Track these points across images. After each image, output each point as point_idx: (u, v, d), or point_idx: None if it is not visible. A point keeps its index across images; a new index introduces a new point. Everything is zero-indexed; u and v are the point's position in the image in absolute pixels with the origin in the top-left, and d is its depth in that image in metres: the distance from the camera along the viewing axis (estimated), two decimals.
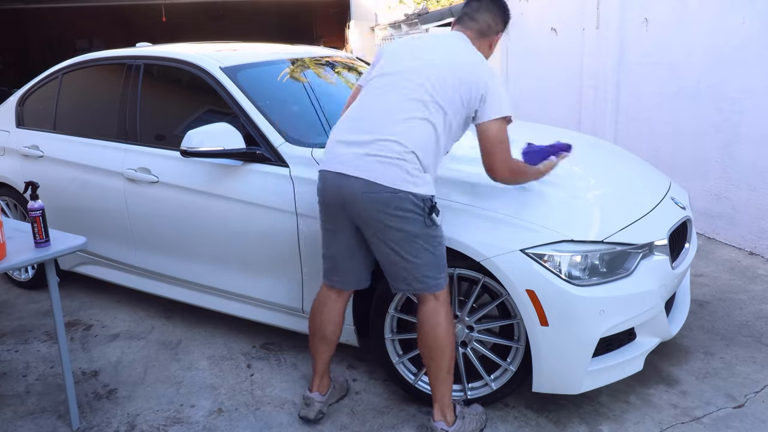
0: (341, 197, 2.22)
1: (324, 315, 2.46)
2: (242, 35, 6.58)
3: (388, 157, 2.14)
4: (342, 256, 2.37)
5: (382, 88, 2.29)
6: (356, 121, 2.28)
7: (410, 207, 2.15)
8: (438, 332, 2.26)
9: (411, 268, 2.21)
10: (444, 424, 2.33)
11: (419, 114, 2.19)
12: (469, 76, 2.23)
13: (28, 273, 4.04)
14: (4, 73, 13.74)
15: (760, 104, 4.11)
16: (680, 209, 2.80)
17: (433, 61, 2.27)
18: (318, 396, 2.55)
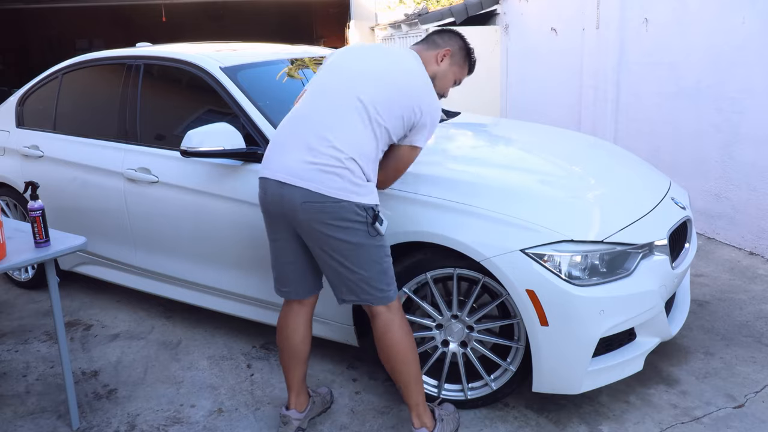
0: (282, 206, 2.15)
1: (288, 328, 2.37)
2: (242, 35, 6.58)
3: (329, 165, 2.08)
4: (289, 267, 2.29)
5: (325, 93, 2.23)
6: (297, 125, 2.20)
7: (353, 217, 2.09)
8: (396, 346, 2.22)
9: (357, 279, 2.16)
10: (426, 431, 2.30)
11: (359, 121, 2.13)
12: (411, 99, 2.19)
13: (28, 273, 4.04)
14: (4, 73, 13.74)
15: (760, 104, 4.11)
16: (680, 209, 2.80)
17: (380, 74, 2.22)
18: (295, 413, 2.43)
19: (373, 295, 2.19)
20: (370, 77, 2.21)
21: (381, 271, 2.19)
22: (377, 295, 2.19)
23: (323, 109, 2.19)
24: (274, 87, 3.29)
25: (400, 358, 2.23)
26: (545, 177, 2.67)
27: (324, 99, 2.22)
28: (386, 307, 2.22)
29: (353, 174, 2.10)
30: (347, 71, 2.26)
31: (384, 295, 2.20)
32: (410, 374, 2.26)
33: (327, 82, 2.26)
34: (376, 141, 2.15)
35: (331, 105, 2.18)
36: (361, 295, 2.20)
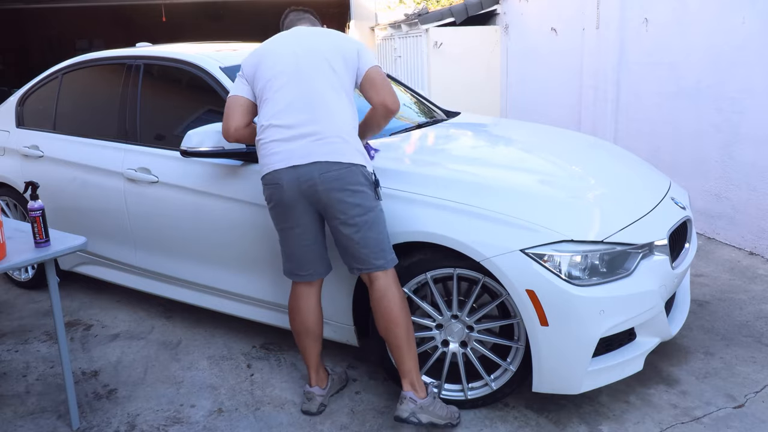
0: (299, 188, 2.31)
1: (302, 310, 2.53)
2: (242, 35, 6.58)
3: (330, 137, 2.30)
4: (305, 250, 2.45)
5: (290, 84, 2.38)
6: (281, 119, 2.35)
7: (362, 180, 2.31)
8: (393, 307, 2.34)
9: (370, 244, 2.32)
10: (413, 394, 2.35)
11: (333, 95, 2.36)
12: (342, 45, 2.44)
13: (28, 273, 4.04)
14: (4, 73, 13.73)
15: (760, 104, 4.11)
16: (680, 209, 2.80)
17: (314, 47, 2.43)
18: (318, 390, 2.61)
19: (384, 258, 2.35)
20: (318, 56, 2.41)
21: (385, 235, 2.38)
22: (386, 258, 2.36)
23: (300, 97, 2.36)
24: None
25: (394, 321, 2.35)
26: (545, 177, 2.67)
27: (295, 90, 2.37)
28: (384, 273, 2.36)
29: (352, 140, 2.34)
30: (295, 60, 2.41)
31: (390, 258, 2.37)
32: (403, 338, 2.36)
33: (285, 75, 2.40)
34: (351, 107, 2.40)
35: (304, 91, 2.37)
36: (373, 262, 2.35)
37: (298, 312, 2.54)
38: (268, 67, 2.43)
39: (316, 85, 2.36)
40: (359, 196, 2.30)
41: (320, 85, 2.36)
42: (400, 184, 2.55)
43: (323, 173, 2.28)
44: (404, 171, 2.62)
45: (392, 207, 2.50)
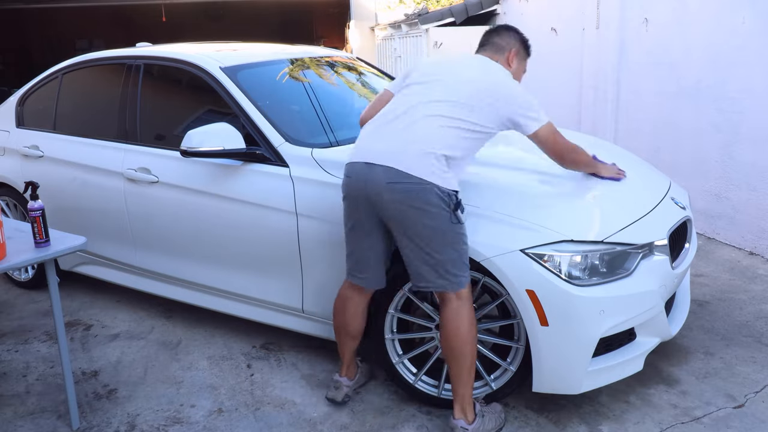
0: (366, 189, 2.25)
1: (348, 312, 2.51)
2: (242, 35, 6.58)
3: (414, 149, 2.20)
4: (364, 254, 2.39)
5: (413, 94, 2.35)
6: (386, 118, 2.34)
7: (436, 201, 2.17)
8: (460, 334, 2.27)
9: (433, 263, 2.22)
10: (464, 422, 2.34)
11: (452, 115, 2.25)
12: (502, 94, 2.33)
13: (28, 273, 4.04)
14: (4, 73, 13.73)
15: (760, 104, 4.11)
16: (680, 209, 2.80)
17: (469, 75, 2.36)
18: (346, 381, 2.64)
19: (448, 280, 2.24)
20: (462, 85, 2.32)
21: (457, 257, 2.25)
22: (451, 280, 2.25)
23: (416, 109, 2.29)
24: (274, 87, 3.29)
25: (459, 347, 2.28)
26: (545, 177, 2.67)
27: (417, 101, 2.32)
28: (456, 295, 2.27)
29: (438, 161, 2.20)
30: (440, 78, 2.37)
31: (457, 281, 2.26)
32: (465, 365, 2.30)
33: (420, 86, 2.38)
34: (464, 139, 2.27)
35: (424, 106, 2.29)
36: (436, 281, 2.26)
37: (342, 312, 2.53)
38: (415, 76, 2.44)
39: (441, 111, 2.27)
40: (428, 216, 2.18)
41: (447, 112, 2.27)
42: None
43: (391, 182, 2.19)
44: None
45: None
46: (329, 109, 3.22)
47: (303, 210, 2.72)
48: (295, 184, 2.75)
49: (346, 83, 3.69)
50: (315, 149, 2.81)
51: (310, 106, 3.22)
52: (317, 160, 2.75)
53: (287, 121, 2.99)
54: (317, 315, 2.84)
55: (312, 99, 3.28)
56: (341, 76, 3.72)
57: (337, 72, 3.73)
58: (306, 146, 2.83)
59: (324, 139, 2.96)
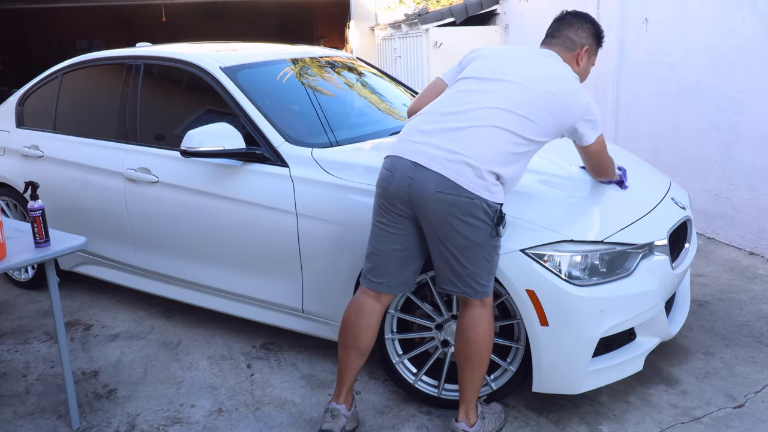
0: (409, 190, 2.11)
1: (361, 324, 2.30)
2: (242, 35, 6.58)
3: (470, 158, 2.07)
4: (390, 255, 2.24)
5: (474, 92, 2.21)
6: (441, 116, 2.19)
7: (481, 215, 2.08)
8: (479, 341, 2.22)
9: (465, 273, 2.15)
10: (465, 425, 2.32)
11: (509, 125, 2.13)
12: (565, 103, 2.22)
13: (28, 273, 4.04)
14: (4, 73, 13.73)
15: (760, 104, 4.11)
16: (680, 209, 2.80)
17: (531, 78, 2.22)
18: (344, 410, 2.36)
19: (474, 289, 2.18)
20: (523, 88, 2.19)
21: (489, 268, 2.19)
22: (477, 290, 2.19)
23: (471, 108, 2.17)
24: (274, 87, 3.29)
25: (476, 355, 2.23)
26: (545, 177, 2.67)
27: (472, 98, 2.20)
28: (480, 302, 2.22)
29: (489, 174, 2.09)
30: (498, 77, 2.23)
31: (484, 290, 2.20)
32: (478, 373, 2.27)
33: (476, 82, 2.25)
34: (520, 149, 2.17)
35: (480, 106, 2.16)
36: (463, 288, 2.19)
37: (352, 326, 2.31)
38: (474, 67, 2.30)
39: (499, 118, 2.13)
40: (470, 229, 2.09)
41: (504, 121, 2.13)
42: None
43: (439, 192, 2.07)
44: None
45: None
46: (329, 109, 3.22)
47: (303, 210, 2.72)
48: (295, 184, 2.75)
49: (346, 83, 3.69)
50: (315, 149, 2.81)
51: (310, 106, 3.22)
52: (317, 160, 2.75)
53: (287, 121, 2.99)
54: (317, 315, 2.84)
55: (312, 99, 3.28)
56: (341, 76, 3.72)
57: (338, 72, 3.73)
58: (306, 146, 2.83)
59: (324, 139, 2.96)
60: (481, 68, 2.29)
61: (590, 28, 2.42)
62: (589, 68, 2.48)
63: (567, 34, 2.39)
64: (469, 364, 2.26)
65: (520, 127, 2.14)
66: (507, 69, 2.26)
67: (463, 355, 2.27)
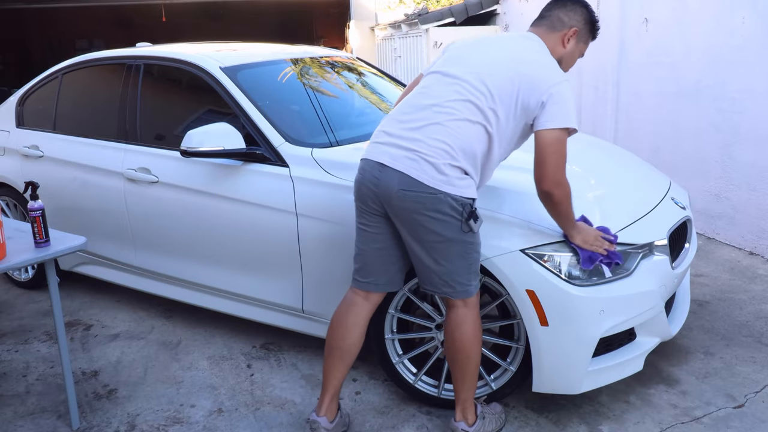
0: (377, 190, 2.13)
1: (348, 321, 2.30)
2: (242, 35, 6.58)
3: (429, 155, 2.06)
4: (373, 254, 2.26)
5: (437, 87, 2.18)
6: (404, 115, 2.18)
7: (447, 210, 2.07)
8: (464, 340, 2.22)
9: (441, 271, 2.15)
10: (464, 425, 2.32)
11: (471, 117, 2.09)
12: (531, 81, 2.09)
13: (28, 273, 4.04)
14: (4, 73, 13.74)
15: (760, 104, 4.11)
16: (680, 209, 2.80)
17: (495, 64, 2.15)
18: (325, 422, 2.31)
19: (454, 288, 2.17)
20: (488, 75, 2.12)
21: (466, 266, 2.17)
22: (458, 289, 2.18)
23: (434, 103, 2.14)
24: (274, 87, 3.29)
25: (464, 353, 2.23)
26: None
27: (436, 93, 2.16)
28: (463, 302, 2.20)
29: (454, 167, 2.07)
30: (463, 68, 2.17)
31: (464, 289, 2.18)
32: (469, 371, 2.26)
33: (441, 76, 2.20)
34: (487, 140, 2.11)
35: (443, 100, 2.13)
36: (442, 288, 2.19)
37: (339, 325, 2.31)
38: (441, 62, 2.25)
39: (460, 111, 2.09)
40: (438, 224, 2.07)
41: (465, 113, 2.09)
42: None
43: (402, 189, 2.06)
44: None
45: None
46: (329, 109, 3.22)
47: (303, 210, 2.72)
48: (295, 184, 2.75)
49: (346, 83, 3.69)
50: (315, 149, 2.81)
51: (310, 106, 3.22)
52: (317, 160, 2.75)
53: (287, 121, 2.99)
54: (317, 315, 2.84)
55: (312, 99, 3.28)
56: (341, 76, 3.72)
57: (338, 72, 3.73)
58: (306, 146, 2.83)
59: (324, 139, 2.96)
60: (446, 62, 2.24)
61: (583, 12, 2.31)
62: (576, 55, 2.32)
63: (557, 14, 2.30)
64: (457, 363, 2.27)
65: (482, 118, 2.09)
66: (473, 59, 2.20)
67: (450, 355, 2.28)
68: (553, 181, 2.11)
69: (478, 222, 2.13)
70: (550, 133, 2.09)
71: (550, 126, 2.08)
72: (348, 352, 2.31)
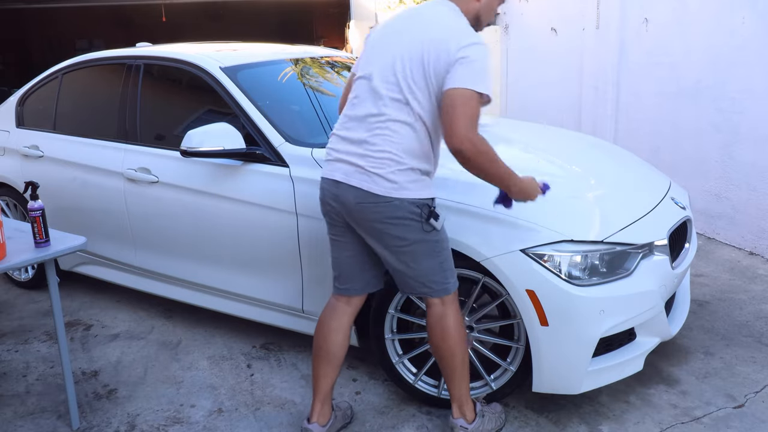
0: (337, 204, 2.18)
1: (332, 324, 2.34)
2: (242, 35, 6.58)
3: (377, 167, 2.07)
4: (347, 261, 2.30)
5: (365, 95, 2.16)
6: (346, 131, 2.18)
7: (406, 214, 2.09)
8: (446, 337, 2.23)
9: (414, 274, 2.18)
10: (464, 422, 2.33)
11: (402, 117, 2.07)
12: (438, 46, 2.01)
13: (28, 273, 4.04)
14: (4, 73, 13.73)
15: (760, 104, 4.11)
16: (680, 209, 2.80)
17: (407, 47, 2.08)
18: (317, 428, 2.36)
19: (431, 288, 2.20)
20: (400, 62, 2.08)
21: (436, 265, 2.18)
22: (434, 288, 2.20)
23: (363, 107, 2.14)
24: (274, 87, 3.29)
25: (447, 350, 2.25)
26: (545, 177, 2.66)
27: (363, 97, 2.16)
28: (440, 300, 2.22)
29: (401, 170, 2.08)
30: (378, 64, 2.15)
31: (441, 288, 2.21)
32: (456, 367, 2.27)
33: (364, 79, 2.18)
34: (419, 132, 2.09)
35: (369, 102, 2.13)
36: (419, 289, 2.22)
37: (323, 328, 2.36)
38: (362, 61, 2.23)
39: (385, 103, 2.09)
40: (400, 229, 2.10)
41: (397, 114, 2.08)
42: None
43: (359, 202, 2.10)
44: None
45: None
46: (329, 109, 3.21)
47: (303, 210, 2.72)
48: (295, 184, 2.75)
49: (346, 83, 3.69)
50: (315, 149, 2.81)
51: (310, 106, 3.22)
52: (317, 160, 2.75)
53: (287, 121, 2.99)
54: (317, 315, 2.83)
55: (312, 99, 3.28)
56: (341, 76, 3.72)
57: (338, 72, 3.73)
58: (306, 146, 2.83)
59: (324, 139, 2.95)
60: (367, 62, 2.20)
61: None
62: (494, 4, 2.19)
63: None
64: (443, 361, 2.29)
65: (411, 112, 2.07)
66: (386, 51, 2.14)
67: (435, 353, 2.31)
68: (462, 137, 1.96)
69: (440, 220, 2.16)
70: (457, 90, 1.96)
71: (458, 85, 1.96)
72: (334, 355, 2.35)
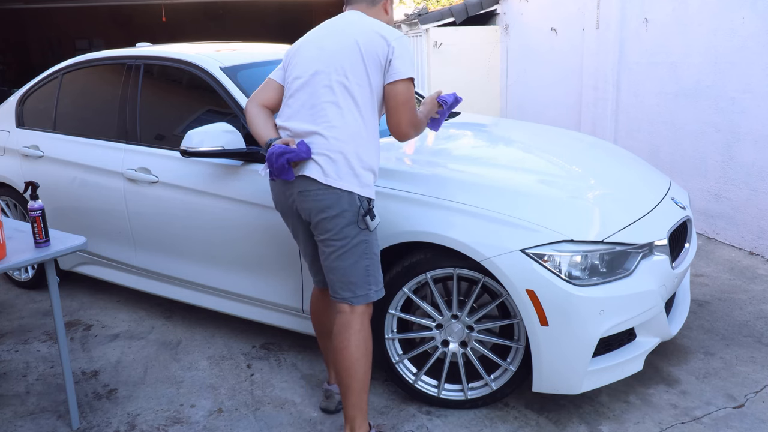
0: (286, 200, 2.26)
1: (320, 311, 2.51)
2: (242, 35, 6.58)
3: (323, 154, 2.12)
4: (308, 258, 2.41)
5: (300, 91, 2.22)
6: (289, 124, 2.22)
7: (344, 206, 2.12)
8: (347, 351, 2.18)
9: (338, 271, 2.18)
10: None
11: (338, 112, 2.14)
12: (372, 39, 2.16)
13: (28, 273, 4.04)
14: (4, 73, 13.73)
15: (760, 104, 4.11)
16: (680, 209, 2.80)
17: (336, 48, 2.19)
18: (336, 388, 2.57)
19: (353, 292, 2.19)
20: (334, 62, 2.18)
21: (362, 267, 2.18)
22: (357, 293, 2.19)
23: (303, 107, 2.20)
24: None
25: (345, 364, 2.20)
26: (545, 177, 2.67)
27: (301, 98, 2.21)
28: (350, 308, 2.21)
29: (344, 162, 2.13)
30: (312, 66, 2.22)
31: (363, 294, 2.20)
32: (351, 385, 2.20)
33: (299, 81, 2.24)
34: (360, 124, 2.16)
35: (309, 102, 2.19)
36: (341, 292, 2.21)
37: (315, 312, 2.53)
38: (294, 65, 2.29)
39: (324, 95, 2.16)
40: (334, 222, 2.13)
41: (329, 95, 2.16)
42: (400, 184, 2.55)
43: (302, 191, 2.15)
44: (405, 171, 2.62)
45: (393, 207, 2.51)
46: None
47: None
48: None
49: None
50: None
51: None
52: None
53: None
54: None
55: None
56: None
57: None
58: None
59: None
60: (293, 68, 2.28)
61: None
62: (393, 18, 2.43)
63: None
64: (339, 375, 2.23)
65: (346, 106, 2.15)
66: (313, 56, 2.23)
67: (333, 364, 2.28)
68: (410, 125, 2.20)
69: (375, 221, 2.18)
70: (399, 84, 2.16)
71: (398, 78, 2.15)
72: (329, 330, 2.49)
